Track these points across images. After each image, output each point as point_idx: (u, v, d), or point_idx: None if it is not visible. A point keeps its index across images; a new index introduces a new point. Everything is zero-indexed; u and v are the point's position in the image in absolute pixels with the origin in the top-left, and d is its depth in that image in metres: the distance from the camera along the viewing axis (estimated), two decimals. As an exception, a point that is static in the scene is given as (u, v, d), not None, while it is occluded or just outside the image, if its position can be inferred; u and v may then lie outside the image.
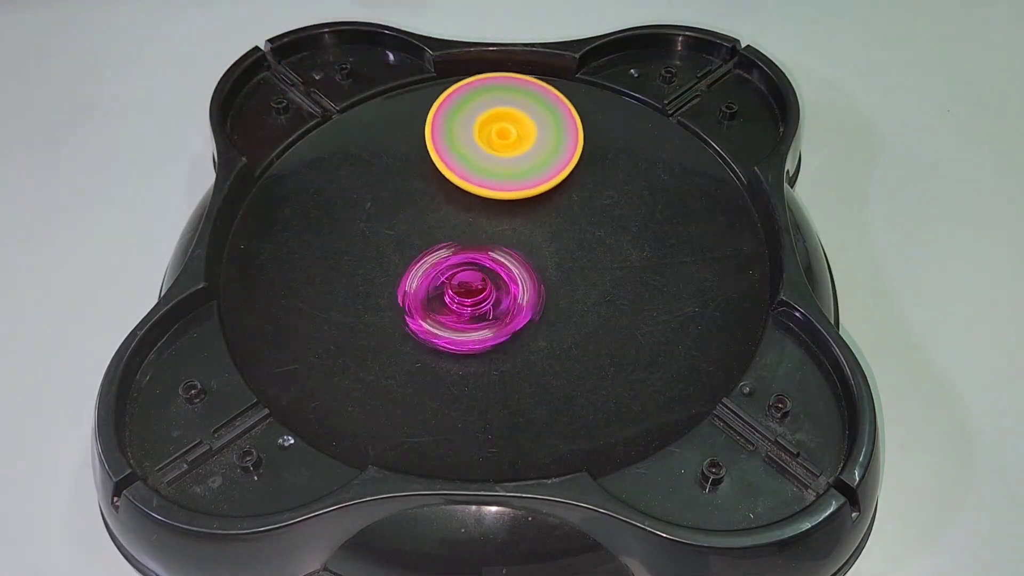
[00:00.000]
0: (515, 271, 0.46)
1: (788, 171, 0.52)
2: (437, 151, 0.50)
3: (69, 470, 0.45)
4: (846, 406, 0.41)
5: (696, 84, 0.56)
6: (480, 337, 0.44)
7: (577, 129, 0.51)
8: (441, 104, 0.52)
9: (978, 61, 0.66)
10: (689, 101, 0.55)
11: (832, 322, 0.46)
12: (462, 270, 0.46)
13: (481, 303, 0.45)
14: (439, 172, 0.50)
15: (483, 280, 0.45)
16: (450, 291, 0.45)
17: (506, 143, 0.51)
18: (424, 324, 0.44)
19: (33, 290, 0.53)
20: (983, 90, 0.64)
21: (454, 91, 0.53)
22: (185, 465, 0.39)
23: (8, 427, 0.47)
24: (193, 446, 0.40)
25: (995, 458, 0.46)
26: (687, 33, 0.58)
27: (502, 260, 0.46)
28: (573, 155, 0.50)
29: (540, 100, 0.53)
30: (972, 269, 0.54)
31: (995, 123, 0.62)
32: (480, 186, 0.49)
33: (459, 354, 0.43)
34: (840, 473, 0.38)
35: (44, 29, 0.69)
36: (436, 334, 0.44)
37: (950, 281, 0.53)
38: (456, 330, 0.44)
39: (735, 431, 0.40)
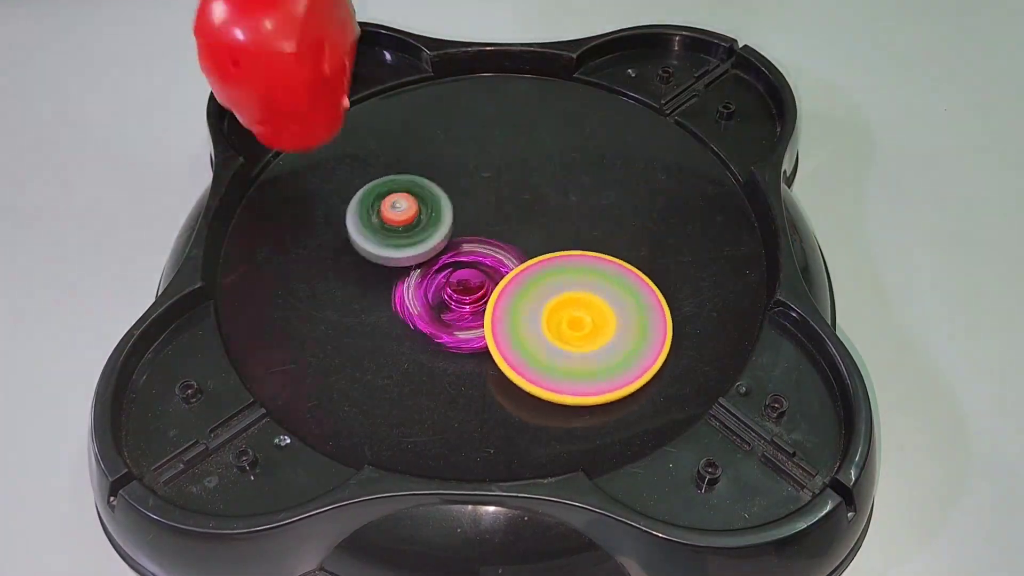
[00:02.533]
0: (511, 267, 0.46)
1: (785, 171, 0.52)
2: (497, 345, 0.43)
3: (66, 469, 0.45)
4: (842, 406, 0.41)
5: (693, 84, 0.56)
6: (479, 335, 0.44)
7: (665, 319, 0.44)
8: (504, 288, 0.45)
9: (975, 61, 0.66)
10: (686, 101, 0.55)
11: (829, 322, 0.46)
12: (460, 268, 0.46)
13: (480, 300, 0.45)
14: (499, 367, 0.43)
15: (481, 277, 0.45)
16: (449, 289, 0.45)
17: (580, 335, 0.44)
18: (426, 324, 0.44)
19: (30, 290, 0.53)
20: (980, 90, 0.64)
21: (519, 273, 0.46)
22: (181, 465, 0.39)
23: (5, 426, 0.47)
24: (189, 446, 0.40)
25: (991, 457, 0.46)
26: (684, 33, 0.58)
27: (499, 257, 0.46)
28: (660, 351, 0.43)
29: (619, 282, 0.45)
30: (968, 269, 0.54)
31: (992, 123, 0.62)
32: (548, 389, 0.42)
33: (457, 354, 0.44)
34: (836, 473, 0.38)
35: (42, 29, 0.69)
36: (438, 335, 0.44)
37: (946, 281, 0.53)
38: (460, 328, 0.44)
39: (731, 431, 0.40)
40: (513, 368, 0.42)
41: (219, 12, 0.42)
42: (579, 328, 0.44)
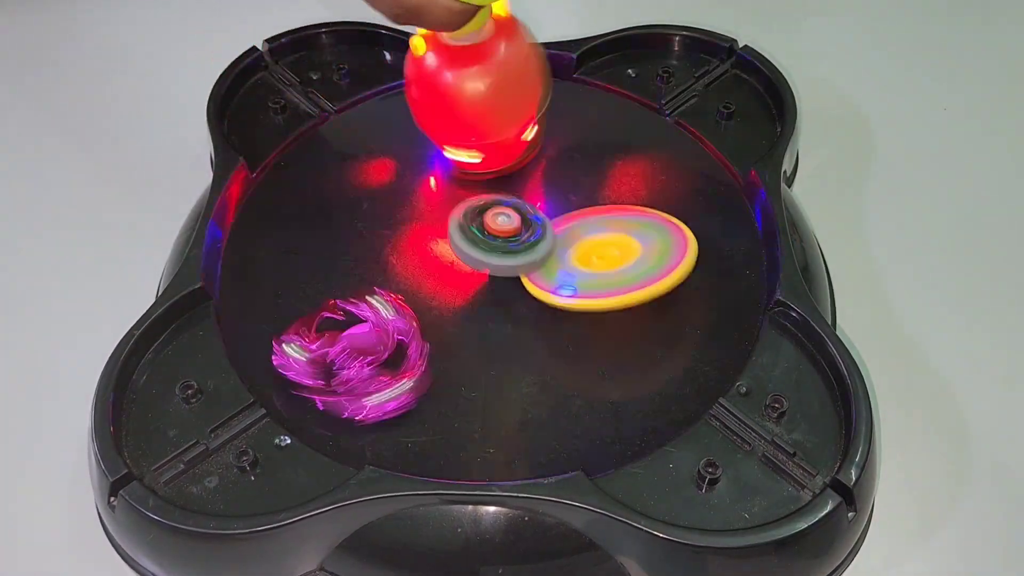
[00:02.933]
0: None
1: (785, 171, 0.52)
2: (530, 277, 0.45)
3: (66, 470, 0.45)
4: (842, 406, 0.41)
5: (693, 84, 0.56)
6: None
7: (686, 239, 0.45)
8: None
9: (974, 61, 0.66)
10: (686, 101, 0.55)
11: (829, 322, 0.46)
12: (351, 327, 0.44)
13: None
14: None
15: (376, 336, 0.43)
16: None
17: (607, 260, 0.46)
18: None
19: (31, 289, 0.53)
20: (979, 90, 0.64)
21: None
22: (182, 465, 0.39)
23: (6, 426, 0.47)
24: (190, 446, 0.40)
25: (991, 457, 0.46)
26: (684, 33, 0.58)
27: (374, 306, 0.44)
28: (684, 254, 0.44)
29: (645, 224, 0.47)
30: (968, 268, 0.54)
31: (991, 123, 0.62)
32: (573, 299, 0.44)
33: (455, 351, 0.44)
34: (836, 473, 0.38)
35: (43, 30, 0.69)
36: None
37: (946, 281, 0.53)
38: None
39: (732, 431, 0.40)
40: (540, 287, 0.44)
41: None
42: (606, 257, 0.46)
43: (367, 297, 0.44)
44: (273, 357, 0.42)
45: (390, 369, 0.42)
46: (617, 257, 0.45)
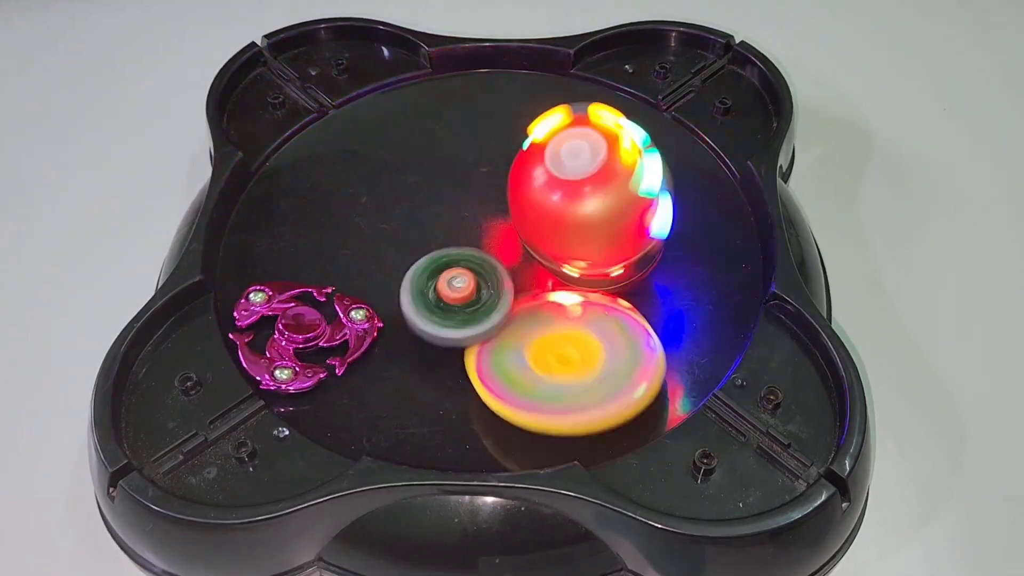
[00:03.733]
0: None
1: (781, 166, 0.52)
2: (481, 377, 0.41)
3: (66, 461, 0.45)
4: (837, 398, 0.41)
5: (690, 79, 0.56)
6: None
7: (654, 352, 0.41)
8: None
9: (972, 58, 0.67)
10: (683, 96, 0.55)
11: (824, 315, 0.46)
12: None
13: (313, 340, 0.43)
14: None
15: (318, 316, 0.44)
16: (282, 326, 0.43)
17: (568, 368, 0.41)
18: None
19: (31, 283, 0.53)
20: (976, 86, 0.64)
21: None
22: (181, 456, 0.39)
23: (6, 418, 0.48)
24: (189, 437, 0.40)
25: (985, 449, 0.46)
26: (682, 29, 0.58)
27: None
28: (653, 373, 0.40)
29: (608, 319, 0.43)
30: (963, 263, 0.54)
31: (988, 119, 0.62)
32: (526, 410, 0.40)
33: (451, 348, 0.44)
34: (831, 463, 0.38)
35: (42, 26, 0.69)
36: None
37: (941, 275, 0.53)
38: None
39: (727, 422, 0.40)
40: (496, 397, 0.40)
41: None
42: (567, 363, 0.41)
43: (352, 310, 0.44)
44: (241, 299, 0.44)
45: (320, 357, 0.43)
46: (578, 361, 0.41)
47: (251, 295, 0.45)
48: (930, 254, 0.54)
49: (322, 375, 0.42)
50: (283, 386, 0.42)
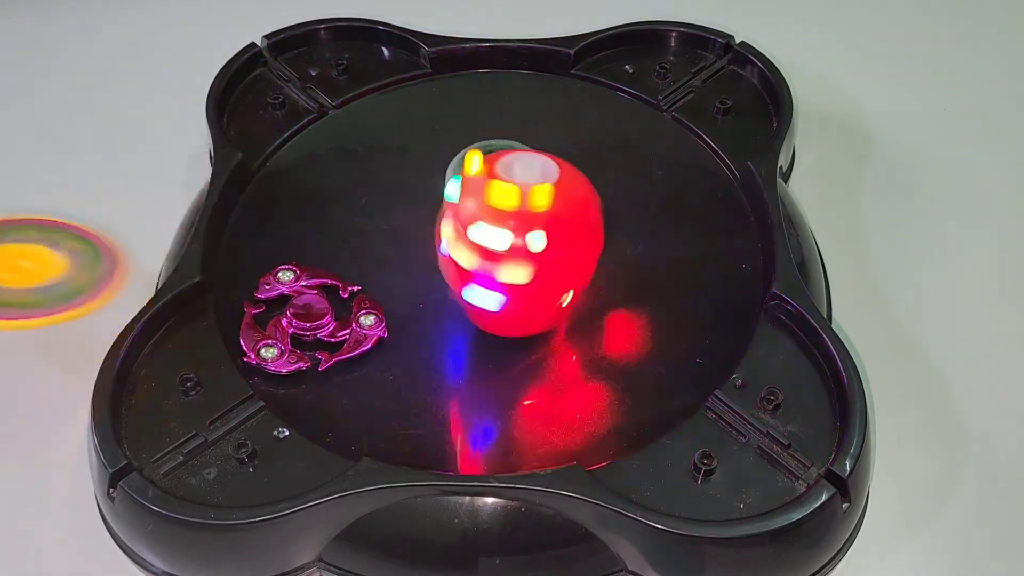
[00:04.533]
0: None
1: (781, 166, 0.52)
2: None
3: (66, 461, 0.45)
4: (837, 398, 0.41)
5: (691, 80, 0.56)
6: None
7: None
8: None
9: (972, 58, 0.67)
10: (684, 96, 0.55)
11: (824, 316, 0.46)
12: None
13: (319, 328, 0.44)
14: None
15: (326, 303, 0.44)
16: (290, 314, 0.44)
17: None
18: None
19: (31, 284, 0.53)
20: (976, 86, 0.64)
21: None
22: (181, 456, 0.39)
23: (6, 419, 0.47)
24: (189, 438, 0.40)
25: (986, 449, 0.46)
26: (682, 29, 0.58)
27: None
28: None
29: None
30: (963, 263, 0.54)
31: (988, 119, 0.62)
32: None
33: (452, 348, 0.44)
34: (831, 464, 0.38)
35: (42, 27, 0.69)
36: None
37: (941, 275, 0.53)
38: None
39: (727, 423, 0.40)
40: None
41: None
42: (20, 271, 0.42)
43: (364, 314, 0.44)
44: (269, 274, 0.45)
45: (317, 348, 0.43)
46: (32, 272, 0.42)
47: (280, 273, 0.45)
48: (930, 254, 0.54)
49: (304, 365, 0.42)
50: (263, 363, 0.42)
